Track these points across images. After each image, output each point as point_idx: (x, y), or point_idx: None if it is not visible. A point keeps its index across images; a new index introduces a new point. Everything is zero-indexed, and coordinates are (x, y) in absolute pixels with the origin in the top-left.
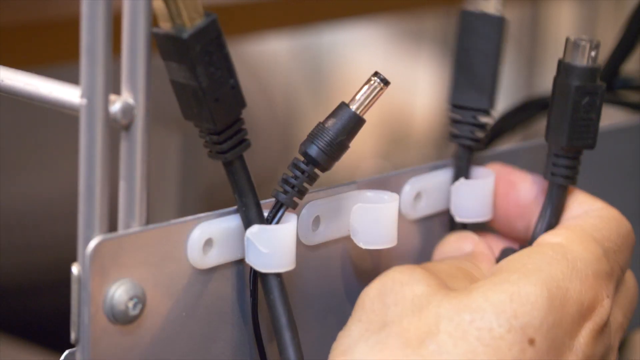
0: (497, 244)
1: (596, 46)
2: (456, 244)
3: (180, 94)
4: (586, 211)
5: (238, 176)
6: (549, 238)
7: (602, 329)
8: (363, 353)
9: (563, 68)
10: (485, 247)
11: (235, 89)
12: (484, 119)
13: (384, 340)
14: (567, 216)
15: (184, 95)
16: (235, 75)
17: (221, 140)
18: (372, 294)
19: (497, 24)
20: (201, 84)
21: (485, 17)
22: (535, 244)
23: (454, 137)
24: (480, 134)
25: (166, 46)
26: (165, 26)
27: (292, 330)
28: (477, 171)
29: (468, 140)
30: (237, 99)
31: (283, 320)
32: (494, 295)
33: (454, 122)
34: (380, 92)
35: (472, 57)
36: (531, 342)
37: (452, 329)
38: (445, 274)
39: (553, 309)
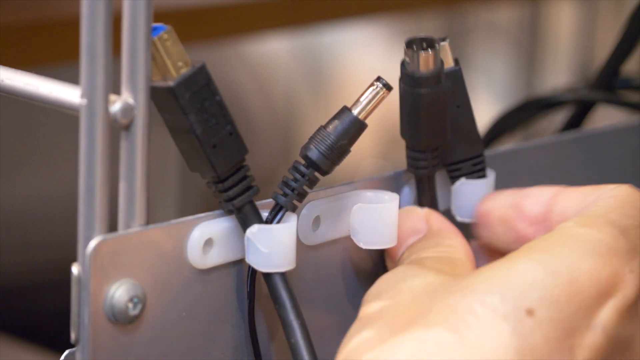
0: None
1: None
2: (409, 229)
3: (181, 146)
4: (598, 196)
5: (249, 222)
6: (563, 224)
7: (630, 306)
8: (361, 346)
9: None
10: (436, 216)
11: (234, 135)
12: (481, 162)
13: (380, 330)
14: (582, 207)
15: (183, 146)
16: (232, 122)
17: (226, 188)
18: (371, 295)
19: (458, 74)
20: (195, 132)
21: (446, 74)
22: (552, 231)
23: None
24: (482, 174)
25: (159, 98)
26: (156, 79)
27: (303, 328)
28: None
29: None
30: (237, 145)
31: (292, 319)
32: (489, 272)
33: (456, 177)
34: (382, 97)
35: (450, 114)
36: (530, 312)
37: (446, 311)
38: (436, 271)
39: (558, 286)
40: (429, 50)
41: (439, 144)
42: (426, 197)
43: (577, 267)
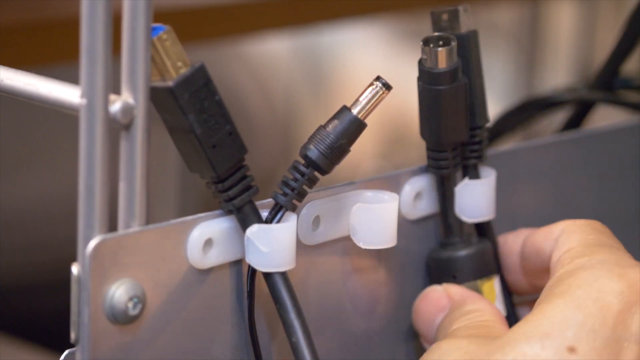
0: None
1: None
2: (432, 307)
3: (180, 146)
4: (558, 236)
5: (249, 222)
6: (560, 263)
7: None
8: None
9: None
10: (456, 289)
11: (233, 134)
12: (482, 135)
13: None
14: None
15: (183, 147)
16: (231, 122)
17: (226, 188)
18: None
19: (464, 41)
20: (195, 132)
21: (458, 39)
22: (556, 273)
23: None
24: (483, 151)
25: (158, 99)
26: (155, 80)
27: (304, 328)
28: (479, 170)
29: (473, 159)
30: (236, 145)
31: (293, 318)
32: (522, 326)
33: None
34: (382, 97)
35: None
36: (571, 349)
37: None
38: (471, 337)
39: (589, 316)
40: (446, 46)
41: (459, 141)
42: (448, 198)
43: (598, 292)
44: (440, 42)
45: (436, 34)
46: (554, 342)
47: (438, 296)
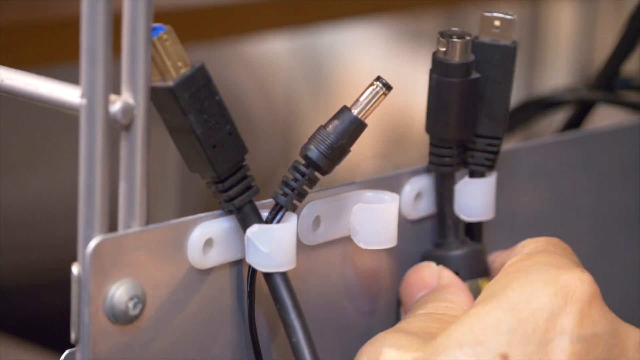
0: None
1: None
2: (420, 281)
3: (180, 146)
4: (520, 247)
5: (249, 222)
6: (504, 266)
7: (590, 304)
8: None
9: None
10: (448, 273)
11: (233, 134)
12: (496, 146)
13: None
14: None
15: (183, 147)
16: (231, 122)
17: (226, 188)
18: None
19: (510, 52)
20: (195, 132)
21: (497, 47)
22: (497, 275)
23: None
24: (493, 161)
25: (158, 99)
26: (155, 80)
27: (304, 328)
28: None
29: (482, 167)
30: (237, 145)
31: (294, 318)
32: (455, 330)
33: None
34: (382, 97)
35: (486, 86)
36: (504, 356)
37: None
38: (422, 331)
39: (521, 321)
40: (462, 39)
41: (466, 137)
42: (446, 197)
43: (531, 295)
44: (455, 37)
45: (453, 29)
46: (486, 349)
47: (430, 274)
